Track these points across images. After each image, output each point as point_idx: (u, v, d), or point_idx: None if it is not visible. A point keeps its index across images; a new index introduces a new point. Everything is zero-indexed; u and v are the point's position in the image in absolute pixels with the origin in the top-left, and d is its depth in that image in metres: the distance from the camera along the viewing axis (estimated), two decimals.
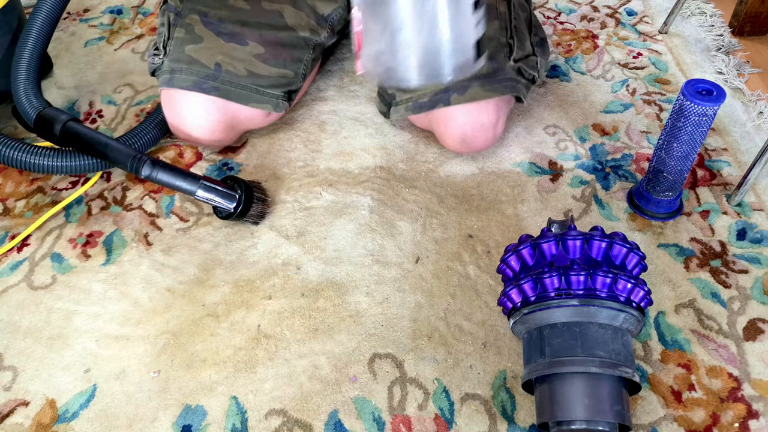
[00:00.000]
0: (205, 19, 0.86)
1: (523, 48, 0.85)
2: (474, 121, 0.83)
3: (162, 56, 0.87)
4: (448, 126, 0.85)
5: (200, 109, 0.85)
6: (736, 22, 1.11)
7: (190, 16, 0.87)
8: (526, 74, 0.85)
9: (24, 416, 0.67)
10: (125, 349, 0.72)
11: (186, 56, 0.85)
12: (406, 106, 0.87)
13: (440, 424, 0.65)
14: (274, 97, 0.88)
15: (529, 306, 0.62)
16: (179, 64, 0.85)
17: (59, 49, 1.16)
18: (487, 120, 0.84)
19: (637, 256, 0.63)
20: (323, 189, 0.88)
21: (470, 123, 0.83)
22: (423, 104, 0.84)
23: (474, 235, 0.82)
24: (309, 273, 0.78)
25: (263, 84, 0.87)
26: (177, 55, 0.85)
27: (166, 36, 0.87)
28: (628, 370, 0.58)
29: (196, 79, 0.84)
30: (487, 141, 0.86)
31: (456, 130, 0.84)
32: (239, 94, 0.86)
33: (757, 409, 0.64)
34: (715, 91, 0.71)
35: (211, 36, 0.86)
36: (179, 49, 0.86)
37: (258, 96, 0.87)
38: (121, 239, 0.83)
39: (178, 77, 0.84)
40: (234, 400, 0.67)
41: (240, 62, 0.86)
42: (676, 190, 0.80)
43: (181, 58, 0.85)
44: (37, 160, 0.81)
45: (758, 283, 0.74)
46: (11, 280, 0.80)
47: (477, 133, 0.84)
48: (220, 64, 0.85)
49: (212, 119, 0.86)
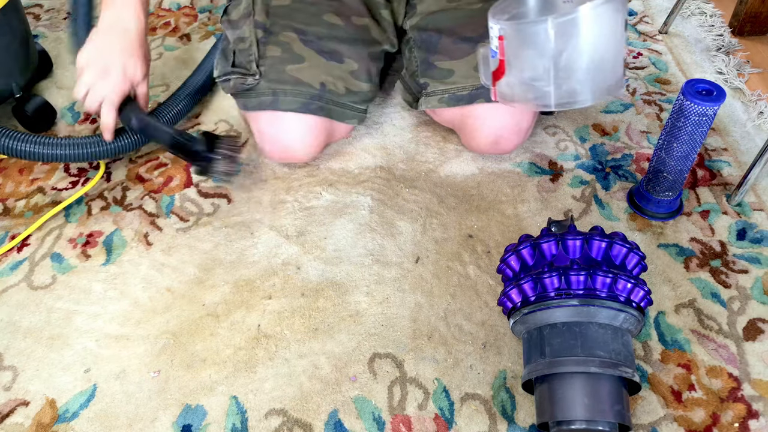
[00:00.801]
0: (303, 37, 0.84)
1: None
2: (513, 123, 0.83)
3: (258, 77, 0.83)
4: (483, 124, 0.83)
5: (305, 130, 0.84)
6: (736, 22, 1.11)
7: (285, 33, 0.83)
8: None
9: (24, 416, 0.67)
10: (125, 349, 0.72)
11: (289, 77, 0.82)
12: (440, 97, 0.85)
13: (440, 424, 0.65)
14: (361, 111, 0.88)
15: (529, 306, 0.62)
16: (282, 86, 0.82)
17: (59, 49, 1.16)
18: (525, 124, 0.84)
19: (637, 256, 0.63)
20: (323, 189, 0.88)
21: (509, 125, 0.83)
22: (461, 97, 0.83)
23: (474, 235, 0.82)
24: (309, 273, 0.78)
25: (357, 100, 0.87)
26: (278, 75, 0.82)
27: (257, 54, 0.83)
28: (628, 370, 0.58)
29: (304, 101, 0.82)
30: (516, 144, 0.86)
31: (492, 130, 0.83)
32: (338, 112, 0.85)
33: (757, 409, 0.64)
34: (715, 91, 0.71)
35: (313, 55, 0.83)
36: (278, 69, 0.82)
37: (350, 112, 0.87)
38: (121, 239, 0.83)
39: (283, 99, 0.82)
40: (234, 400, 0.67)
41: (340, 81, 0.84)
42: (676, 190, 0.80)
43: (283, 78, 0.82)
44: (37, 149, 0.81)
45: (758, 283, 0.74)
46: (11, 280, 0.80)
47: (512, 135, 0.84)
48: (325, 84, 0.83)
49: (316, 138, 0.85)
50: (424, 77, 0.87)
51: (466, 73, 0.82)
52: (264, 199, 0.87)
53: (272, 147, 0.86)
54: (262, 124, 0.85)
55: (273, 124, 0.84)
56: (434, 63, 0.85)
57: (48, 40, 1.18)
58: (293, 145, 0.85)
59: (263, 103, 0.82)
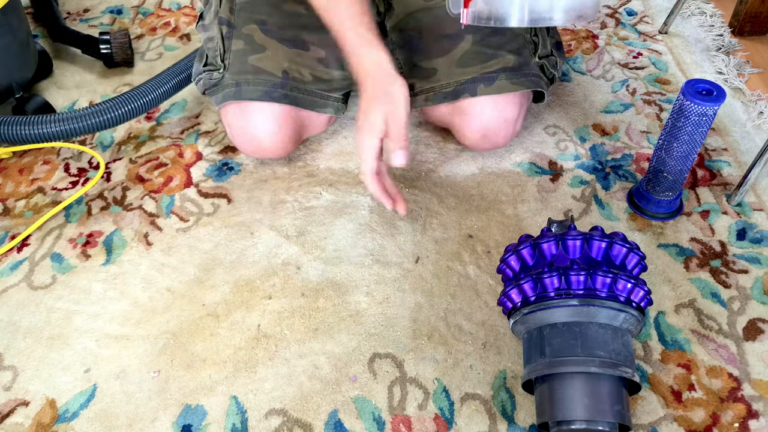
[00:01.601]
0: (264, 27, 0.84)
1: (545, 46, 0.85)
2: (499, 115, 0.82)
3: (222, 71, 0.84)
4: (471, 118, 0.83)
5: (271, 119, 0.83)
6: (736, 22, 1.11)
7: (247, 26, 0.84)
8: (548, 72, 0.86)
9: (24, 416, 0.67)
10: (125, 349, 0.72)
11: (251, 66, 0.82)
12: (426, 96, 0.84)
13: (440, 424, 0.65)
14: (335, 100, 0.87)
15: (529, 306, 0.62)
16: (245, 76, 0.82)
17: (59, 49, 1.16)
18: (511, 115, 0.83)
19: (637, 256, 0.63)
20: (323, 189, 0.88)
21: (495, 117, 0.82)
22: (447, 94, 0.83)
23: (474, 235, 0.82)
24: (309, 273, 0.78)
25: (326, 88, 0.86)
26: (240, 66, 0.83)
27: (221, 49, 0.84)
28: (628, 370, 0.58)
29: (265, 89, 0.82)
30: (507, 137, 0.85)
31: (479, 124, 0.83)
32: (306, 100, 0.84)
33: (757, 409, 0.64)
34: (715, 91, 0.71)
35: (274, 43, 0.83)
36: (241, 60, 0.83)
37: (322, 101, 0.86)
38: (121, 239, 0.83)
39: (245, 89, 0.82)
40: (234, 400, 0.67)
41: (305, 68, 0.84)
42: (676, 190, 0.80)
43: (245, 69, 0.82)
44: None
45: (758, 283, 0.74)
46: (11, 280, 0.80)
47: (500, 128, 0.83)
48: (287, 71, 0.83)
49: (283, 128, 0.84)
50: (410, 78, 0.87)
51: (448, 70, 0.82)
52: (264, 199, 0.87)
53: (242, 140, 0.85)
54: (230, 117, 0.85)
55: (240, 116, 0.84)
56: (417, 63, 0.86)
57: (48, 40, 1.18)
58: (260, 135, 0.84)
59: (227, 95, 0.83)
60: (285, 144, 0.86)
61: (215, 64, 0.85)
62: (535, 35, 0.84)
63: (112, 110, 0.89)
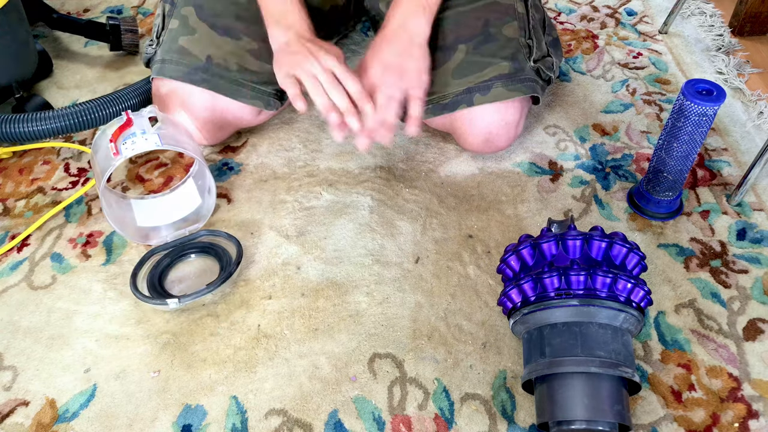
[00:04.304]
0: (200, 11, 0.86)
1: (540, 48, 0.85)
2: (500, 118, 0.83)
3: (155, 46, 0.88)
4: (472, 125, 0.84)
5: (188, 103, 0.84)
6: (736, 22, 1.11)
7: (185, 8, 0.86)
8: (544, 75, 0.86)
9: (24, 416, 0.67)
10: (125, 349, 0.72)
11: (178, 47, 0.85)
12: (426, 108, 0.84)
13: (440, 424, 0.65)
14: (265, 94, 0.87)
15: (529, 306, 0.62)
16: (171, 54, 0.85)
17: (59, 49, 1.16)
18: (512, 118, 0.84)
19: (637, 256, 0.63)
20: (323, 189, 0.88)
21: (495, 122, 0.83)
22: (445, 105, 0.83)
23: (474, 235, 0.82)
24: (309, 273, 0.78)
25: (254, 80, 0.86)
26: (169, 45, 0.85)
27: (161, 27, 0.88)
28: (628, 370, 0.58)
29: (186, 70, 0.83)
30: (509, 140, 0.86)
31: (480, 129, 0.84)
32: (228, 88, 0.84)
33: (757, 409, 0.64)
34: (715, 91, 0.71)
35: (205, 28, 0.85)
36: (172, 39, 0.86)
37: (248, 92, 0.85)
38: (121, 239, 0.83)
39: (168, 67, 0.84)
40: (234, 400, 0.67)
41: (232, 56, 0.85)
42: (676, 190, 0.80)
43: (173, 48, 0.85)
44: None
45: (758, 283, 0.74)
46: (11, 280, 0.80)
47: (501, 132, 0.84)
48: (212, 57, 0.84)
49: (201, 114, 0.85)
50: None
51: (444, 81, 0.83)
52: (264, 199, 0.87)
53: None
54: (153, 93, 0.88)
55: (158, 93, 0.87)
56: None
57: (48, 40, 1.18)
58: (175, 116, 0.85)
59: (155, 70, 0.86)
60: (203, 131, 0.88)
61: (153, 40, 0.89)
62: (529, 38, 0.84)
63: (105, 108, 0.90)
